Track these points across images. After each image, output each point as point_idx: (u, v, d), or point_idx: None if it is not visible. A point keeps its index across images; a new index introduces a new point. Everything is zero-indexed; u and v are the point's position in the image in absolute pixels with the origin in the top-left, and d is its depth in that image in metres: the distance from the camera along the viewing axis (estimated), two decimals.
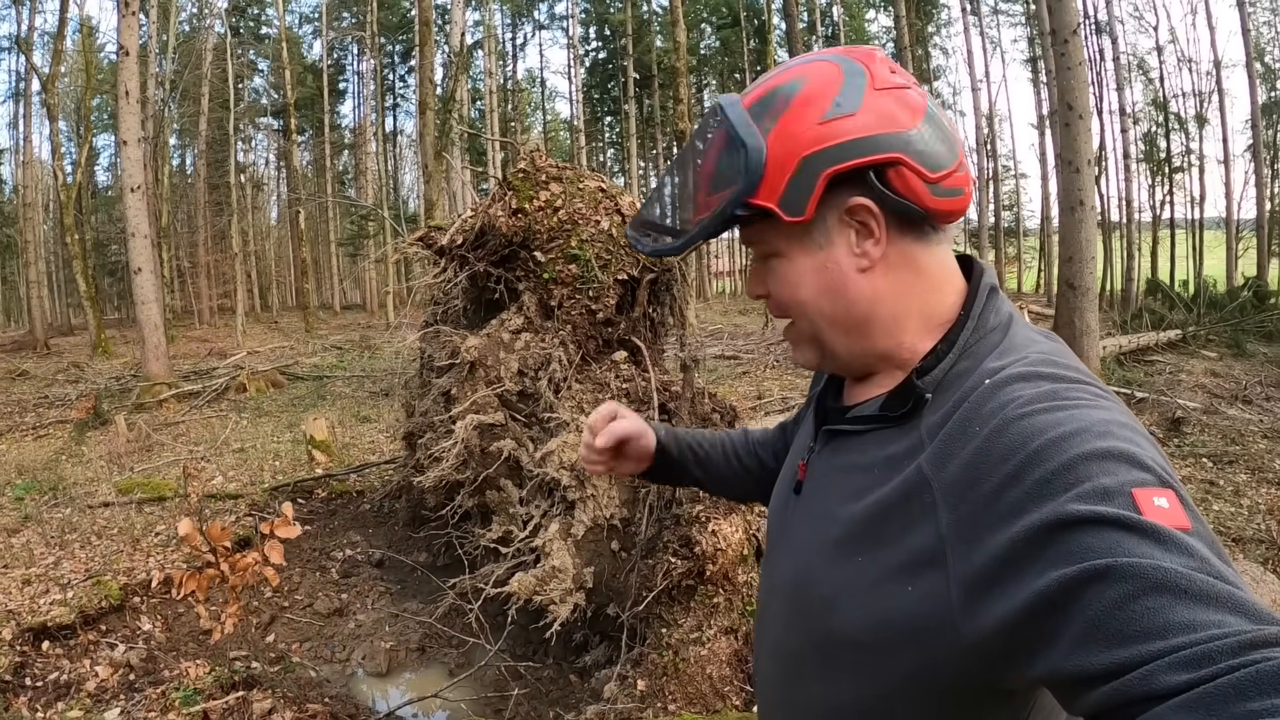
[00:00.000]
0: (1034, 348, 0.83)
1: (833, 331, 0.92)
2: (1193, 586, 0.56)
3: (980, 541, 0.69)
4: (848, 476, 0.90)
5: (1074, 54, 9.35)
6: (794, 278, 0.92)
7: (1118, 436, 0.68)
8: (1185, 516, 0.62)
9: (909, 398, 0.86)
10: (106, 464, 8.54)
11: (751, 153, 0.85)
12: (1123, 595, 0.57)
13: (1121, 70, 24.08)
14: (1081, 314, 9.65)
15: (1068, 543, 0.62)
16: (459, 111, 16.20)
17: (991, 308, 0.90)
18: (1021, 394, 0.75)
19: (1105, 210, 25.07)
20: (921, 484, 0.77)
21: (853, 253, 0.88)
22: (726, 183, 0.87)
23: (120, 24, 12.39)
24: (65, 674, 4.14)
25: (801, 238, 0.89)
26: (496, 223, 4.11)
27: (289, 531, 3.83)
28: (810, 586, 0.90)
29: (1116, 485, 0.63)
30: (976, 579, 0.69)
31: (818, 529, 0.92)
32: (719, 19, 36.59)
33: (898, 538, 0.78)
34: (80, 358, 19.27)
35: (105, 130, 32.42)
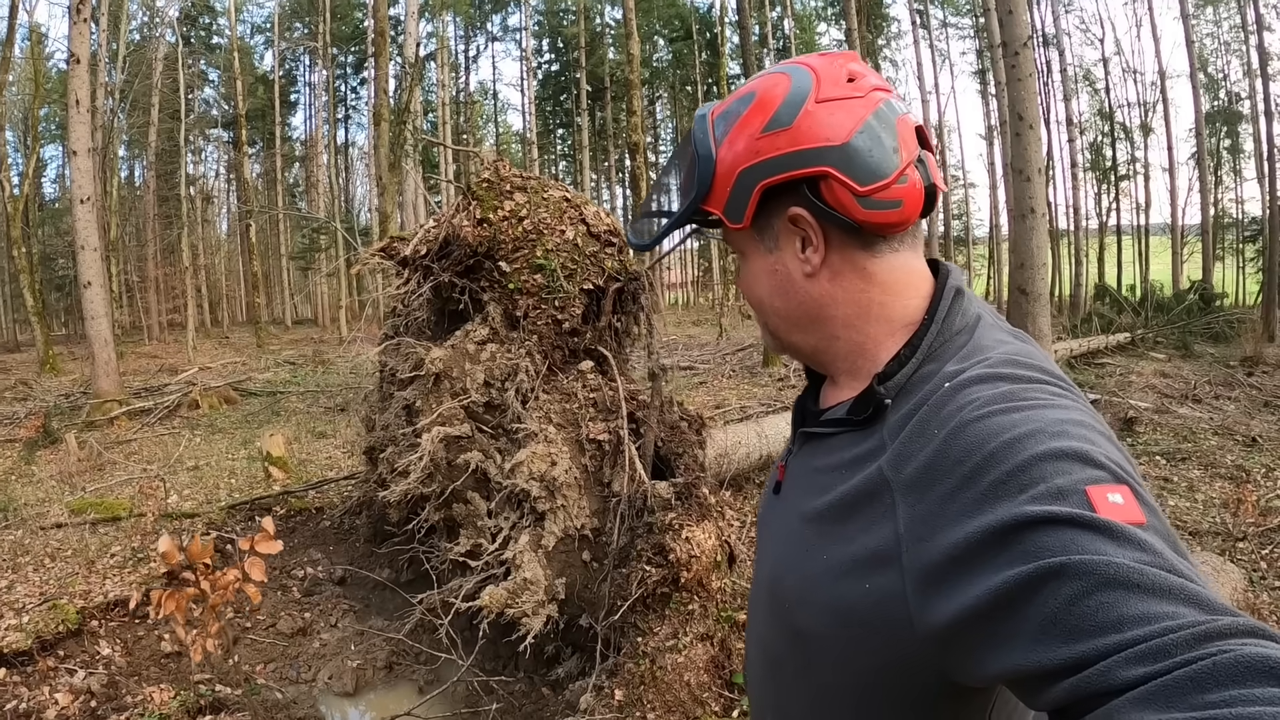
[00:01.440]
0: (999, 349, 0.85)
1: (786, 326, 0.99)
2: (1145, 580, 0.57)
3: (935, 541, 0.70)
4: (818, 477, 0.93)
5: (1024, 66, 9.51)
6: (752, 277, 0.99)
7: (1072, 436, 0.69)
8: (1140, 511, 0.63)
9: (871, 403, 0.88)
10: (58, 484, 8.31)
11: (703, 162, 0.93)
12: (1077, 592, 0.58)
13: (1069, 81, 24.68)
14: (1034, 319, 9.78)
15: (1023, 542, 0.63)
16: (413, 123, 16.09)
17: (957, 310, 0.91)
18: (979, 396, 0.76)
19: (1053, 218, 25.61)
20: (881, 484, 0.80)
21: (798, 258, 0.93)
22: (686, 191, 0.96)
23: (71, 31, 12.09)
24: (24, 702, 3.99)
25: (754, 242, 0.96)
26: (461, 232, 4.08)
27: (270, 547, 3.77)
28: (783, 584, 0.93)
29: (1070, 484, 0.64)
30: (930, 577, 0.70)
31: (790, 527, 0.95)
32: (671, 31, 36.88)
33: (857, 536, 0.80)
34: (28, 374, 18.77)
35: (54, 141, 31.75)
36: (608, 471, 3.88)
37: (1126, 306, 17.07)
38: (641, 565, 3.51)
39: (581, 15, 34.23)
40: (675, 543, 3.50)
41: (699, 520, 3.63)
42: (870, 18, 29.46)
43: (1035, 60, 18.32)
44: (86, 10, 11.95)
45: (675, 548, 3.49)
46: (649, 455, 3.90)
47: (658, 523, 3.60)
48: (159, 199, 31.07)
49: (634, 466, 3.73)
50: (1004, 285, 14.64)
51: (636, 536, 3.68)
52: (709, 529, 3.64)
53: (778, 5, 34.51)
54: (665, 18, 36.34)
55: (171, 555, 3.62)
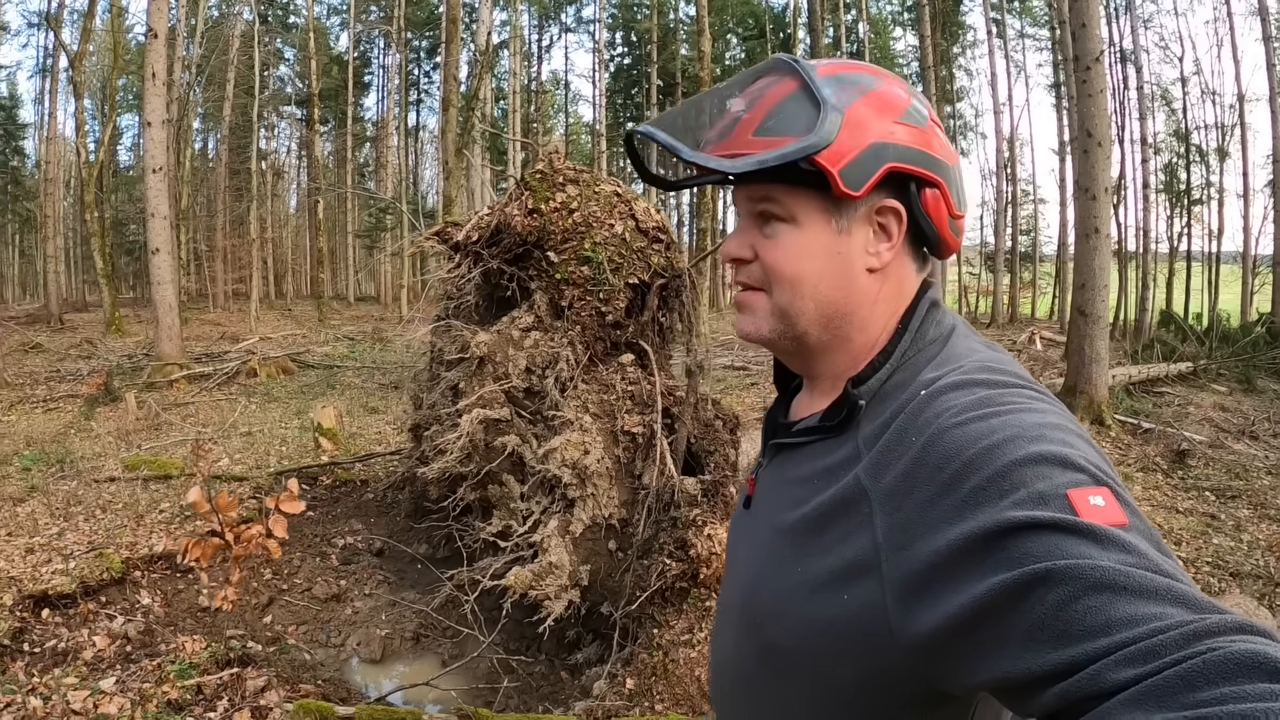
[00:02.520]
0: (972, 357, 0.86)
1: (814, 313, 0.92)
2: (1131, 582, 0.57)
3: (915, 549, 0.70)
4: (790, 489, 0.92)
5: (1095, 81, 9.34)
6: (801, 250, 0.91)
7: (1050, 440, 0.69)
8: (1122, 513, 0.63)
9: (844, 407, 0.88)
10: (115, 440, 8.63)
11: (832, 112, 0.85)
12: (1064, 596, 0.58)
13: (1145, 100, 23.98)
14: (1091, 341, 9.62)
15: (1006, 549, 0.62)
16: (481, 110, 16.28)
17: (931, 320, 0.93)
18: (956, 403, 0.76)
19: (1122, 239, 24.98)
20: (859, 494, 0.79)
21: (866, 250, 0.91)
22: (783, 131, 0.86)
23: (150, 6, 12.51)
24: (63, 642, 4.21)
25: (828, 215, 0.90)
26: (512, 221, 4.17)
27: (293, 506, 3.90)
28: (755, 598, 0.91)
29: (1051, 489, 0.65)
30: (911, 586, 0.70)
31: (762, 541, 0.94)
32: (745, 30, 36.63)
33: (834, 547, 0.80)
34: (94, 334, 19.40)
35: (130, 110, 32.54)
36: (639, 464, 3.93)
37: (1190, 335, 16.58)
38: (662, 558, 3.56)
39: (655, 10, 34.12)
40: (697, 539, 3.55)
41: (723, 518, 3.67)
42: (946, 25, 29.03)
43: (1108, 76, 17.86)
44: None
45: (697, 543, 3.54)
46: (681, 451, 3.94)
47: (682, 518, 3.65)
48: (230, 171, 31.76)
49: (664, 461, 3.79)
50: (1068, 305, 14.36)
51: (661, 530, 3.73)
52: None
53: (853, 9, 34.13)
54: (739, 16, 36.13)
55: (200, 504, 3.78)
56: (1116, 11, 25.07)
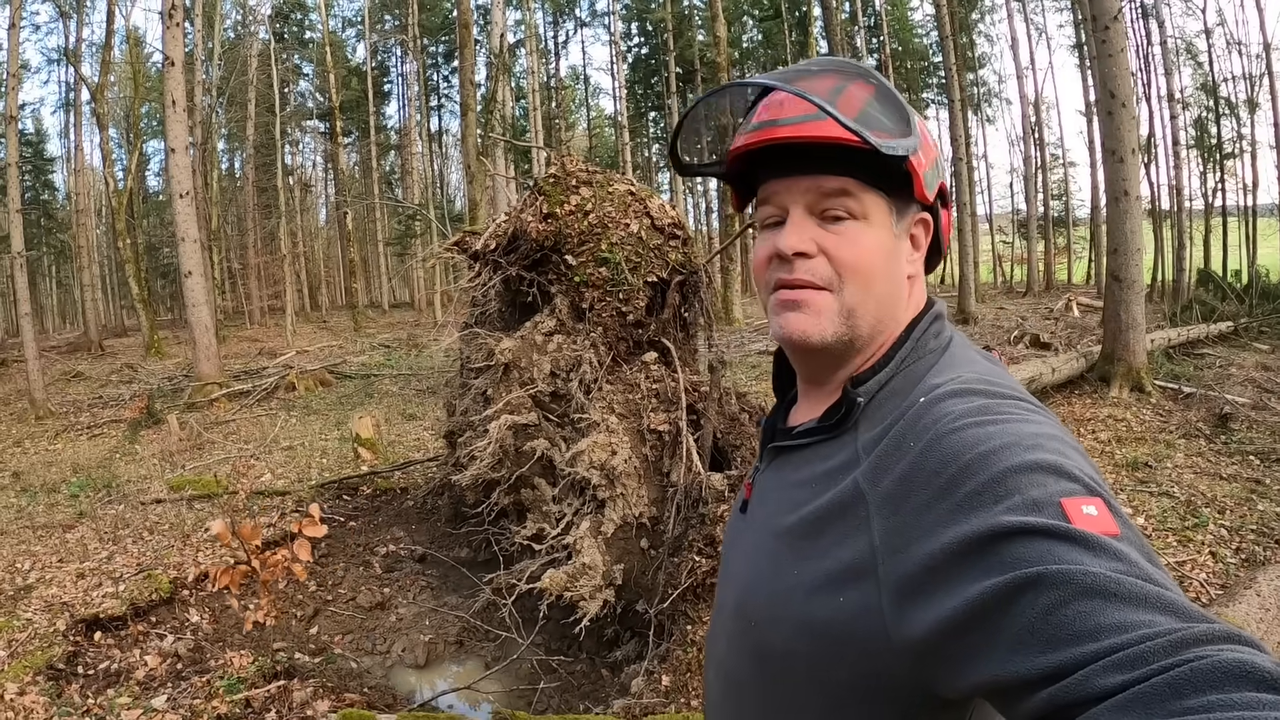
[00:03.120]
0: (972, 368, 0.88)
1: (873, 315, 0.92)
2: (1122, 589, 0.58)
3: (911, 551, 0.71)
4: (788, 492, 0.93)
5: (1115, 40, 9.16)
6: (871, 246, 0.91)
7: (1046, 449, 0.71)
8: (1114, 523, 0.64)
9: (843, 406, 0.90)
10: (159, 462, 8.82)
11: (914, 121, 0.89)
12: (1054, 601, 0.59)
13: (1169, 54, 23.47)
14: (1127, 307, 9.46)
15: (999, 553, 0.64)
16: (500, 112, 16.33)
17: (932, 332, 0.95)
18: (954, 409, 0.78)
19: (1155, 199, 24.51)
20: (857, 497, 0.80)
21: (906, 258, 0.96)
22: (879, 126, 0.86)
23: (165, 35, 12.70)
24: (116, 663, 4.34)
25: (891, 218, 0.93)
26: (528, 228, 4.21)
27: (316, 531, 3.99)
28: (752, 602, 0.92)
29: (1045, 496, 0.66)
30: (906, 588, 0.71)
31: (759, 545, 0.95)
32: (761, 11, 36.30)
33: (831, 549, 0.81)
34: (134, 358, 19.78)
35: (155, 136, 32.98)
36: (667, 462, 3.96)
37: (1230, 293, 16.24)
38: (692, 555, 3.59)
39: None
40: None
41: None
42: None
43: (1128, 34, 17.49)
44: (179, 15, 12.50)
45: None
46: (707, 447, 3.96)
47: (710, 514, 3.67)
48: (258, 189, 32.19)
49: (691, 458, 3.81)
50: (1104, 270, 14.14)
51: (690, 527, 3.76)
52: None
53: None
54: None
55: (224, 536, 3.88)
56: None
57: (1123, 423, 8.33)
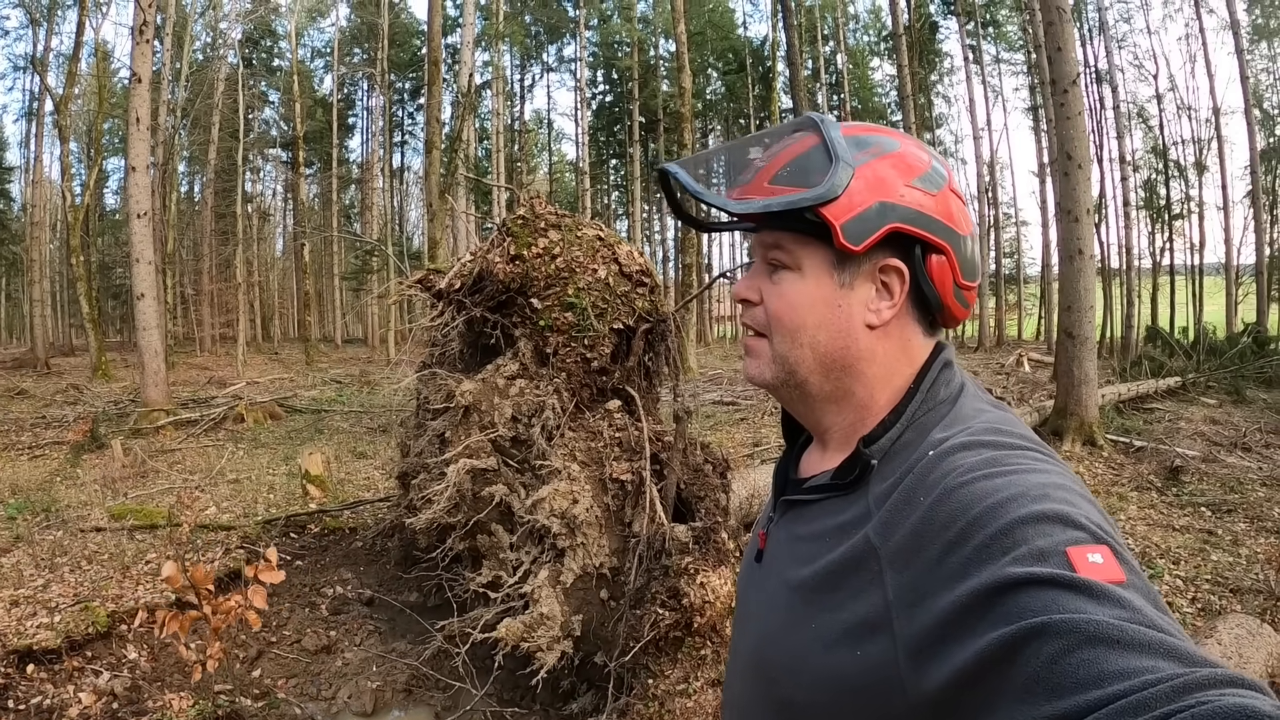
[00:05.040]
0: (980, 418, 0.88)
1: (812, 362, 0.95)
2: (1125, 636, 0.58)
3: (924, 606, 0.71)
4: (801, 545, 0.93)
5: (1073, 104, 9.45)
6: (802, 299, 0.94)
7: (1054, 499, 0.71)
8: (1120, 570, 0.65)
9: (856, 465, 0.89)
10: (101, 488, 8.52)
11: (842, 168, 0.89)
12: (1059, 650, 0.58)
13: (1121, 118, 24.26)
14: (1080, 362, 9.67)
15: (1006, 604, 0.64)
16: (465, 151, 16.35)
17: (943, 380, 0.95)
18: (963, 463, 0.78)
19: (1105, 257, 25.16)
20: (869, 552, 0.80)
21: (868, 305, 0.93)
22: (795, 182, 0.91)
23: (134, 51, 12.55)
24: (49, 699, 4.13)
25: (831, 267, 0.93)
26: (494, 269, 4.16)
27: (273, 576, 3.85)
28: (768, 654, 0.92)
29: (1051, 546, 0.66)
30: (921, 642, 0.71)
31: (774, 596, 0.95)
32: (725, 65, 37.03)
33: (846, 604, 0.81)
34: (80, 379, 19.33)
35: (116, 154, 32.51)
36: (629, 511, 3.91)
37: (1178, 349, 16.66)
38: (655, 608, 3.52)
39: (635, 48, 34.50)
40: (690, 587, 3.51)
41: (715, 566, 3.64)
42: (923, 54, 29.38)
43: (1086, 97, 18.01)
44: (149, 32, 12.39)
45: (690, 592, 3.50)
46: (670, 497, 3.92)
47: (674, 566, 3.61)
48: (216, 215, 31.88)
49: (654, 508, 3.76)
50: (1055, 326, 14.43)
51: (653, 578, 3.70)
52: (725, 575, 3.64)
53: (831, 40, 34.55)
54: (719, 50, 36.54)
55: (175, 580, 3.73)
56: (1090, 33, 25.46)
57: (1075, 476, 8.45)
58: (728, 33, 36.16)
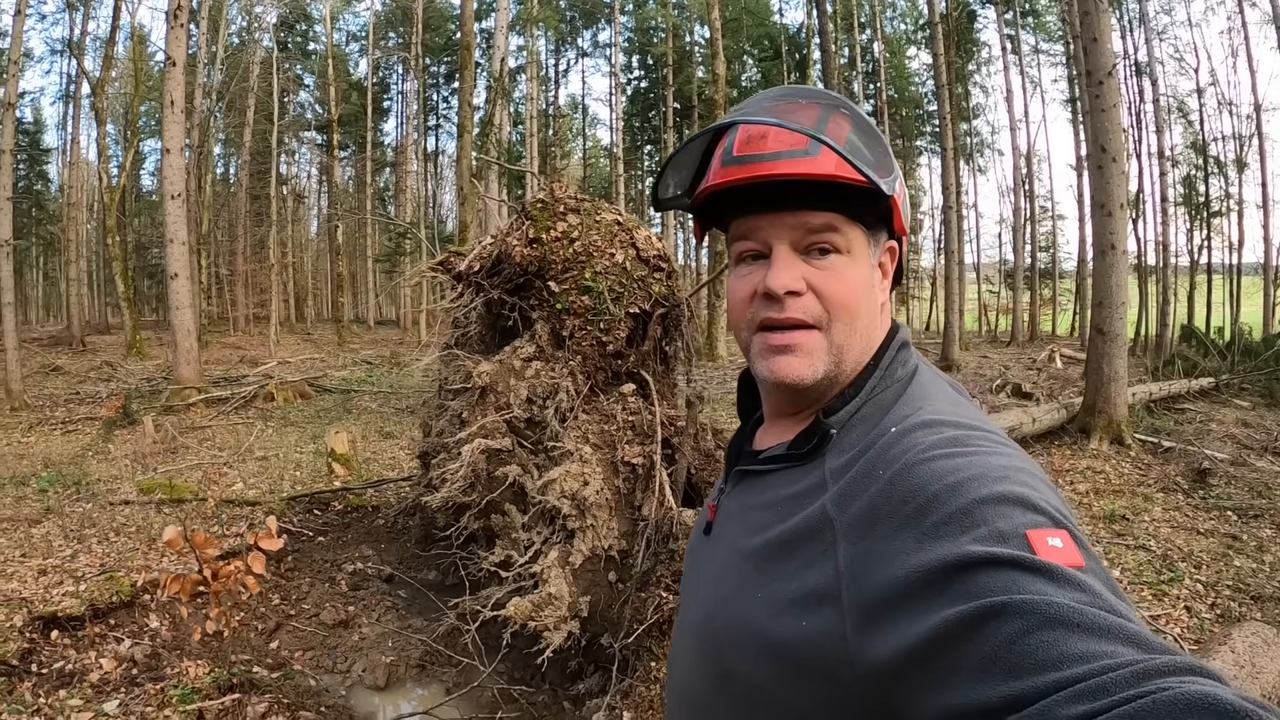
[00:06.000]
0: (940, 397, 0.89)
1: (857, 350, 0.93)
2: (1085, 620, 0.58)
3: (876, 578, 0.71)
4: (754, 514, 0.92)
5: (1108, 96, 9.28)
6: (860, 283, 0.92)
7: (1014, 481, 0.71)
8: (1079, 555, 0.65)
9: (814, 435, 0.90)
10: (131, 463, 8.72)
11: (892, 158, 0.91)
12: (1018, 630, 0.58)
13: (1161, 112, 23.82)
14: (1110, 359, 9.52)
15: (965, 582, 0.64)
16: (496, 136, 16.39)
17: (900, 360, 0.95)
18: (925, 440, 0.78)
19: (1142, 254, 24.79)
20: (824, 523, 0.80)
21: (879, 285, 0.97)
22: (864, 159, 0.86)
23: (168, 35, 12.72)
24: (70, 664, 4.25)
25: (869, 251, 0.93)
26: (513, 251, 4.20)
27: (272, 544, 3.96)
28: (715, 625, 0.91)
29: (1011, 528, 0.66)
30: (870, 613, 0.70)
31: (723, 567, 0.94)
32: (761, 51, 36.68)
33: (796, 573, 0.80)
34: (114, 357, 19.68)
35: (152, 136, 32.83)
36: (639, 495, 3.93)
37: (1212, 349, 16.37)
38: (659, 591, 3.55)
39: (670, 34, 34.29)
40: None
41: None
42: (960, 43, 28.99)
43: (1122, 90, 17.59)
44: (184, 16, 12.55)
45: None
46: (681, 482, 3.94)
47: (680, 550, 3.64)
48: (251, 196, 32.14)
49: (663, 492, 3.78)
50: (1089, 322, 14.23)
51: (659, 562, 3.72)
52: None
53: (867, 29, 34.19)
54: (754, 37, 36.18)
55: (176, 543, 3.84)
56: (1130, 24, 24.97)
57: (1101, 475, 8.35)
58: (763, 19, 35.77)
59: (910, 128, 36.83)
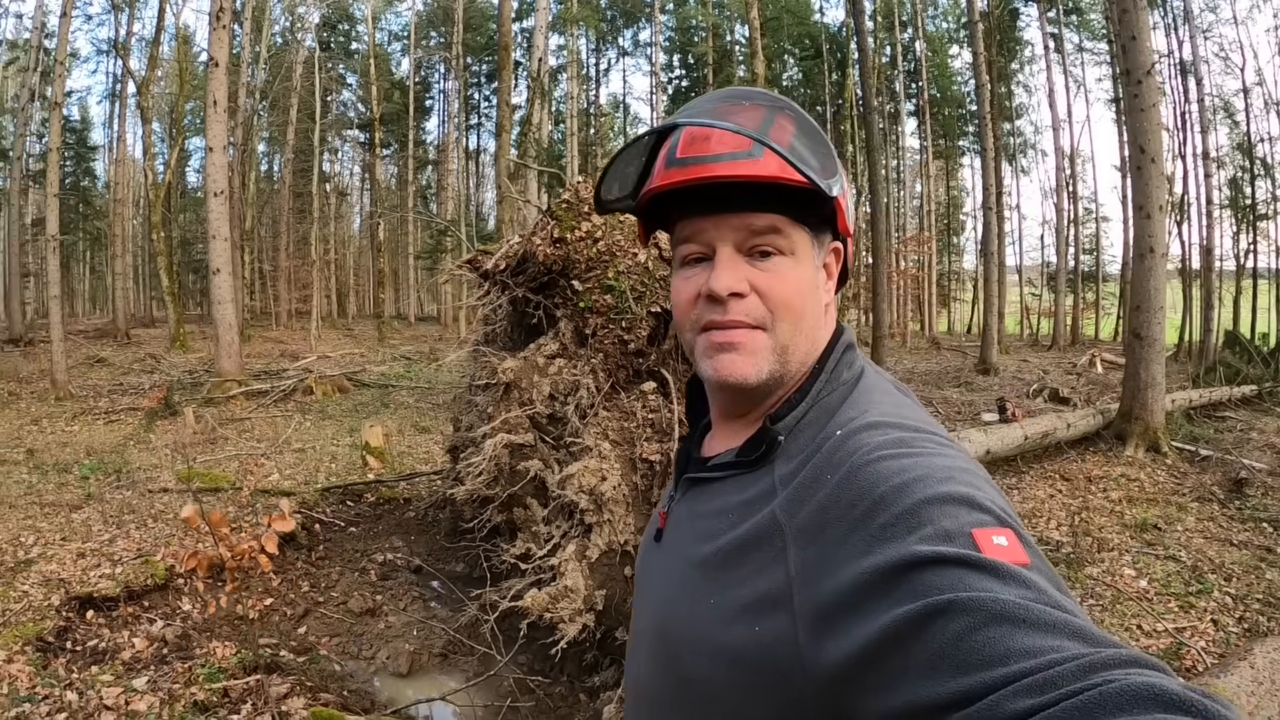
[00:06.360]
0: (886, 400, 0.90)
1: (802, 350, 0.93)
2: (1030, 615, 0.58)
3: (826, 581, 0.71)
4: (704, 522, 0.92)
5: (1147, 95, 9.12)
6: (804, 283, 0.92)
7: (959, 481, 0.72)
8: (1024, 553, 0.66)
9: (763, 442, 0.90)
10: (171, 452, 8.94)
11: (835, 159, 0.91)
12: (965, 627, 0.59)
13: (1206, 112, 23.30)
14: (1147, 365, 9.34)
15: (912, 581, 0.64)
16: (536, 135, 16.49)
17: (845, 363, 0.95)
18: (870, 441, 0.79)
19: (1186, 258, 24.31)
20: (774, 528, 0.80)
21: (824, 286, 0.96)
22: (807, 163, 0.86)
23: (211, 37, 13.03)
24: (104, 642, 4.45)
25: (812, 251, 0.93)
26: (536, 250, 4.27)
27: (284, 525, 4.13)
28: (669, 631, 0.91)
29: (957, 527, 0.67)
30: (821, 616, 0.71)
31: (675, 574, 0.94)
32: (802, 51, 36.46)
33: (748, 579, 0.80)
34: (158, 349, 20.12)
35: (197, 134, 33.38)
36: (656, 491, 3.98)
37: (1256, 356, 16.03)
38: None
39: (710, 33, 34.27)
40: None
41: None
42: (1003, 42, 28.63)
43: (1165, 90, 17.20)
44: (226, 18, 12.82)
45: None
46: None
47: None
48: (294, 194, 32.60)
49: None
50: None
51: None
52: None
53: (909, 27, 33.87)
54: (795, 36, 35.94)
55: (193, 521, 3.99)
56: (1175, 22, 24.46)
57: (1135, 483, 8.23)
58: (804, 18, 35.51)
59: (952, 127, 36.40)
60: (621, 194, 1.01)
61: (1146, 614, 5.13)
